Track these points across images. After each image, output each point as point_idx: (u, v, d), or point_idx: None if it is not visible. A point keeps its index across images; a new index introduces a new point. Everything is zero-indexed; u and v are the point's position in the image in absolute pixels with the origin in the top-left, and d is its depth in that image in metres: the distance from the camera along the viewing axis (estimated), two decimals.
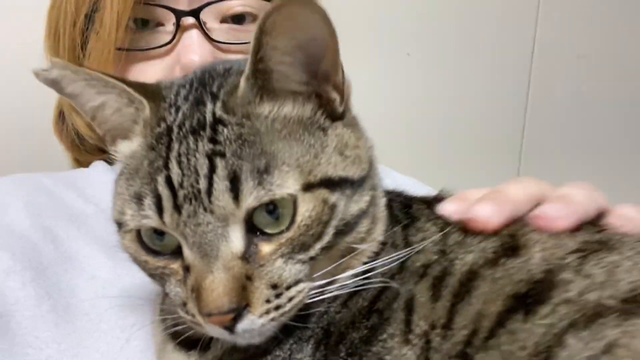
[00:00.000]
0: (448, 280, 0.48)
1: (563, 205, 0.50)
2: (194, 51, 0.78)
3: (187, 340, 0.54)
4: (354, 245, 0.49)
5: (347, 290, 0.49)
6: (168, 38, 0.79)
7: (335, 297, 0.50)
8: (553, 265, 0.45)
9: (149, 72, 0.80)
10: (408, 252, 0.50)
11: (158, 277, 0.49)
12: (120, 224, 0.49)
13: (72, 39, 0.83)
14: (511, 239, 0.49)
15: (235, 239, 0.44)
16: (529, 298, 0.43)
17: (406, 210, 0.57)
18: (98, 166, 0.93)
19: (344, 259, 0.49)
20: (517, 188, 0.53)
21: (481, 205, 0.51)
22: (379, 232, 0.52)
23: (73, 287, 0.69)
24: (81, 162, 1.00)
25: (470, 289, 0.46)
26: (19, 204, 0.79)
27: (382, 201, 0.54)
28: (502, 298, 0.44)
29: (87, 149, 0.97)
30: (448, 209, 0.53)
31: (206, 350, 0.53)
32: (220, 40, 0.80)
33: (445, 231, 0.52)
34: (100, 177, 0.89)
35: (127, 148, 0.51)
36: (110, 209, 0.50)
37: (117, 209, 0.49)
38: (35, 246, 0.72)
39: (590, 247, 0.46)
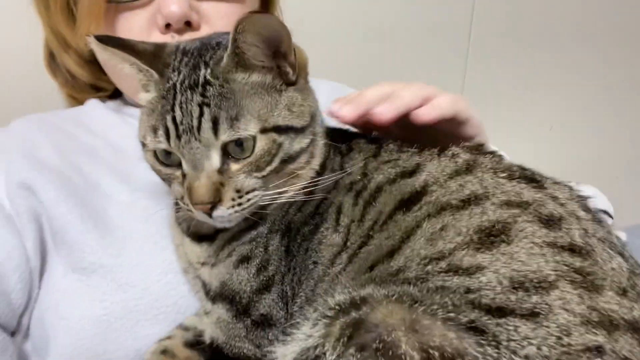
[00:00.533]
0: (364, 193, 0.71)
1: (388, 104, 0.74)
2: (172, 2, 0.87)
3: (199, 235, 0.78)
4: (296, 171, 0.72)
5: (298, 199, 0.72)
6: None
7: (292, 204, 0.73)
8: (428, 182, 0.66)
9: (135, 21, 0.91)
10: (341, 175, 0.73)
11: (167, 180, 0.72)
12: (143, 144, 0.71)
13: None
14: (414, 167, 0.70)
15: (214, 159, 0.66)
16: (408, 201, 0.66)
17: (346, 144, 0.79)
18: (94, 104, 1.06)
19: (289, 179, 0.71)
20: (373, 91, 0.76)
21: (345, 107, 0.75)
22: (315, 164, 0.74)
23: (104, 209, 0.87)
24: (76, 98, 1.10)
25: (376, 197, 0.69)
26: (45, 143, 0.92)
27: (321, 142, 0.75)
28: (393, 202, 0.67)
29: (80, 86, 1.08)
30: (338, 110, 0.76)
31: (213, 241, 0.77)
32: None
33: (366, 160, 0.74)
34: (99, 113, 1.04)
35: (147, 96, 0.71)
36: (137, 130, 0.72)
37: (141, 133, 0.71)
38: (69, 179, 0.88)
39: (461, 170, 0.67)
